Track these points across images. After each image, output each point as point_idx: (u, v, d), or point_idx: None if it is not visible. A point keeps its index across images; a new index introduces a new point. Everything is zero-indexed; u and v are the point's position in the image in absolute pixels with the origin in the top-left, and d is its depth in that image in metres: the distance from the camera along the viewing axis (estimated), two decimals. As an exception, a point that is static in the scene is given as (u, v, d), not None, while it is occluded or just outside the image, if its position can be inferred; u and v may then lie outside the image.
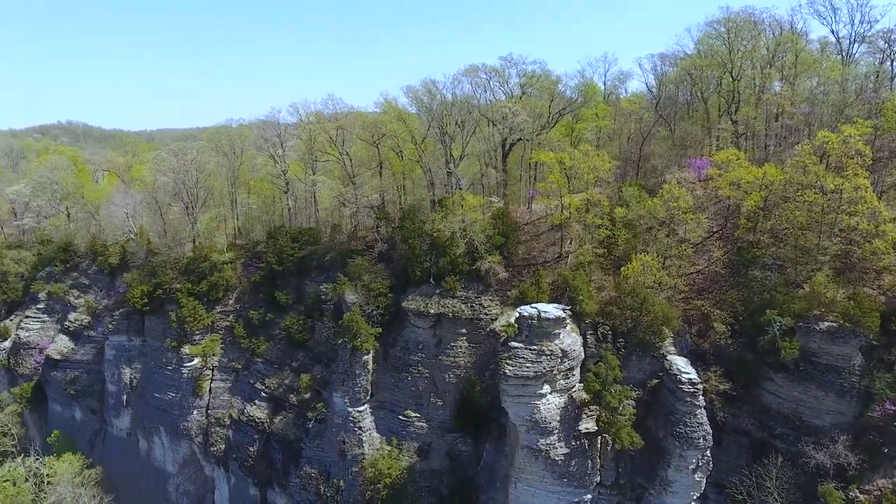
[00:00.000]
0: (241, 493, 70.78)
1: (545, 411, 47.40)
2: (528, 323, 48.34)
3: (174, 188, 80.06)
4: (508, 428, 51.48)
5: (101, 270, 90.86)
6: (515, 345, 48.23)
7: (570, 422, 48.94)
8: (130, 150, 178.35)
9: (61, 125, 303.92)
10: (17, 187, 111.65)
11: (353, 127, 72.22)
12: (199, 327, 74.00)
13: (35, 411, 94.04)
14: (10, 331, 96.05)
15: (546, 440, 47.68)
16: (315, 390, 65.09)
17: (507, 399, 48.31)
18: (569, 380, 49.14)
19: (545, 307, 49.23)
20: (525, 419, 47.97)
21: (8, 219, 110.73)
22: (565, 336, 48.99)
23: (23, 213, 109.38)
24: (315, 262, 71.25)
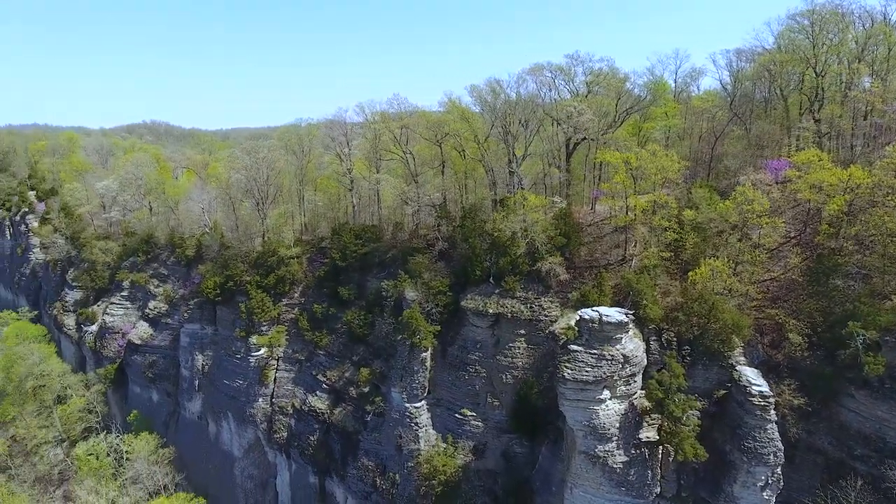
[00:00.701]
0: (302, 480, 73.16)
1: (604, 417, 46.32)
2: (589, 326, 47.35)
3: (246, 185, 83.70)
4: (565, 432, 50.66)
5: (178, 262, 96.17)
6: (575, 348, 47.38)
7: (631, 429, 47.60)
8: (207, 149, 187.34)
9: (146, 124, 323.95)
10: (106, 182, 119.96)
11: (416, 126, 73.04)
12: (267, 319, 77.03)
13: (117, 391, 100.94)
14: (97, 316, 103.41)
15: (604, 447, 46.59)
16: (374, 384, 66.38)
17: (564, 403, 47.55)
18: (630, 386, 47.79)
19: (607, 311, 48.06)
20: (583, 424, 47.06)
21: (97, 212, 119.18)
22: (627, 341, 47.67)
23: (111, 206, 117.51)
24: (377, 259, 72.63)
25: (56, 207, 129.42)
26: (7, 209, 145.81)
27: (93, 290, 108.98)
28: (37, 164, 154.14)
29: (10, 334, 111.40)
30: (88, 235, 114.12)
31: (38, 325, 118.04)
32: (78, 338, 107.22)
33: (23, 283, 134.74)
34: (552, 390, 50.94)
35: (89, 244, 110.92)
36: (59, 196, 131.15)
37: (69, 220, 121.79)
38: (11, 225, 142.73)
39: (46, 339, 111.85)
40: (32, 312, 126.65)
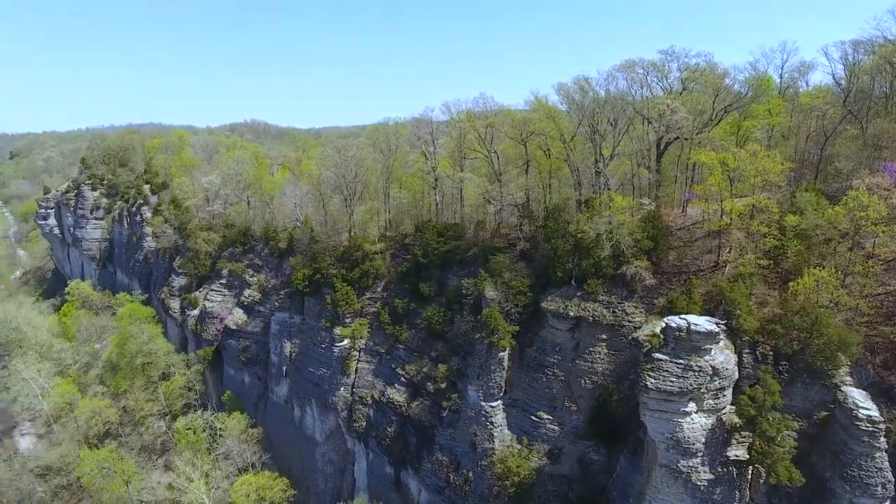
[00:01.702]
0: (378, 469, 75.20)
1: (689, 431, 44.08)
2: (676, 335, 45.22)
3: (335, 182, 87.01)
4: (646, 443, 48.71)
5: (271, 253, 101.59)
6: (660, 357, 45.42)
7: (718, 446, 45.00)
8: (301, 146, 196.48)
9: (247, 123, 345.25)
10: (210, 178, 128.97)
11: (501, 125, 72.81)
12: (350, 311, 79.77)
13: (214, 372, 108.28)
14: (199, 301, 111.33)
15: (688, 462, 44.35)
16: (451, 381, 66.97)
17: (646, 413, 45.73)
18: (718, 400, 45.16)
19: (696, 319, 45.67)
20: (665, 436, 45.04)
21: (202, 204, 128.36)
22: (717, 352, 45.06)
23: (213, 199, 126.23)
24: (458, 257, 73.16)
25: (167, 200, 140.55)
26: (126, 201, 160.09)
27: (196, 276, 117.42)
28: (151, 160, 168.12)
29: (125, 314, 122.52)
30: (193, 226, 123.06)
31: (148, 307, 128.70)
32: (181, 320, 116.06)
33: (136, 268, 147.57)
34: (633, 399, 49.18)
35: (194, 234, 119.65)
36: (170, 189, 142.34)
37: (177, 211, 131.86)
38: (129, 215, 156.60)
39: (155, 320, 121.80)
40: (144, 295, 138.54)
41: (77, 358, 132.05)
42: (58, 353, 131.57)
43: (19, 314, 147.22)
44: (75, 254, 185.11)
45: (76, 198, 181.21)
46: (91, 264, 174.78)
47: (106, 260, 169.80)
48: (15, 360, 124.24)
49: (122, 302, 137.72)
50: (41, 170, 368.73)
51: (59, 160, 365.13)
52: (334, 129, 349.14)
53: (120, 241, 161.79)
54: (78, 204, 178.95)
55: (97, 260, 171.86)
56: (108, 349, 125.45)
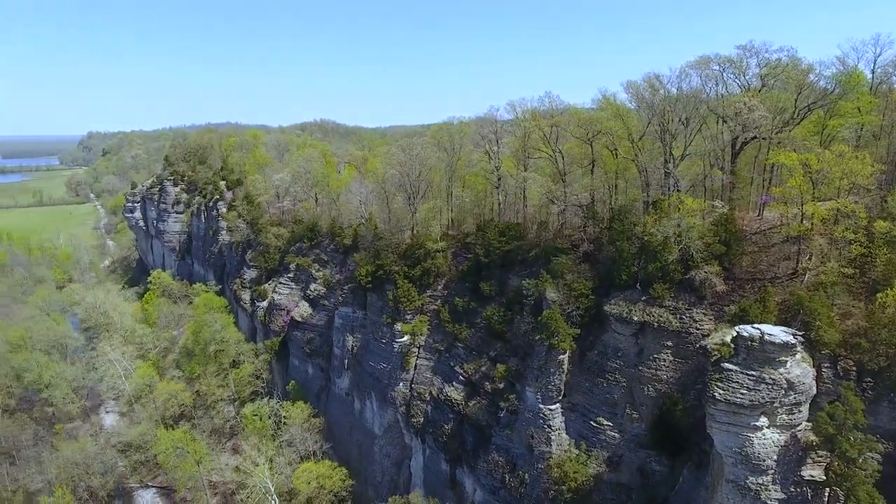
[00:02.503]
0: (434, 465, 75.82)
1: (759, 446, 41.85)
2: (748, 345, 43.03)
3: (400, 180, 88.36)
4: (712, 456, 46.62)
5: (336, 249, 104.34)
6: (729, 367, 43.37)
7: (791, 464, 42.52)
8: (367, 145, 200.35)
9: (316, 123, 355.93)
10: (281, 175, 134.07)
11: (567, 124, 71.61)
12: (411, 308, 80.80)
13: (280, 362, 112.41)
14: (268, 293, 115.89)
15: (757, 479, 42.12)
16: (509, 381, 66.59)
17: (713, 425, 43.81)
18: (793, 416, 42.64)
19: (770, 329, 43.26)
20: (733, 451, 42.98)
21: (273, 201, 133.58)
22: (793, 365, 42.53)
23: (283, 196, 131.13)
24: (519, 257, 72.61)
25: (241, 196, 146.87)
26: (204, 196, 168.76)
27: (265, 269, 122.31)
28: (227, 158, 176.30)
29: (200, 304, 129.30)
30: (264, 222, 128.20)
31: (222, 297, 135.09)
32: (251, 311, 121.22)
33: (212, 260, 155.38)
34: (699, 409, 47.24)
35: (265, 229, 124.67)
36: (244, 186, 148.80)
37: (250, 207, 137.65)
38: (206, 210, 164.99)
39: (227, 310, 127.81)
40: (218, 286, 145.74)
41: (157, 343, 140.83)
42: (140, 338, 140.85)
43: (107, 300, 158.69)
44: (157, 245, 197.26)
45: (159, 193, 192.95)
46: (171, 255, 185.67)
47: (184, 252, 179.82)
48: (102, 342, 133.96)
49: (198, 292, 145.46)
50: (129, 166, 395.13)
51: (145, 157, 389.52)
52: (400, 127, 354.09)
53: (197, 234, 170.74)
54: (161, 198, 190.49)
55: (177, 251, 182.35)
56: (184, 336, 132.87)
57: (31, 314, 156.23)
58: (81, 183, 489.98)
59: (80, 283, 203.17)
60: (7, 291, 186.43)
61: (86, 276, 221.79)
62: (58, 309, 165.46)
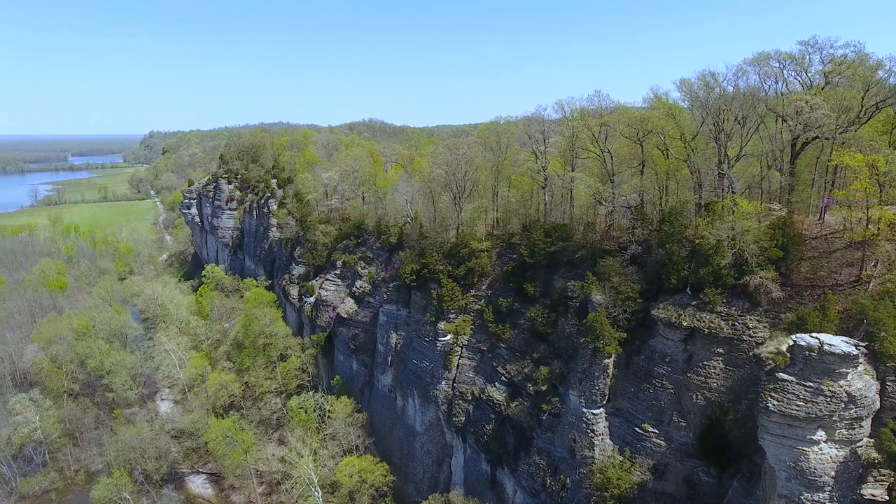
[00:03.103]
0: (475, 465, 75.72)
1: (815, 462, 39.92)
2: (805, 354, 41.10)
3: (446, 179, 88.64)
4: (764, 469, 44.79)
5: (382, 247, 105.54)
6: (784, 377, 41.55)
7: (850, 482, 40.37)
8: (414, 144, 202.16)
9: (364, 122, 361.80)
10: (330, 174, 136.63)
11: (617, 123, 70.11)
12: (455, 307, 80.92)
13: (325, 357, 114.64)
14: (315, 289, 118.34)
15: (813, 496, 40.18)
16: (552, 384, 65.80)
17: (765, 437, 42.08)
18: (854, 431, 40.48)
19: (830, 339, 41.19)
20: (787, 465, 41.16)
21: (321, 199, 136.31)
22: (855, 378, 40.37)
23: (332, 194, 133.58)
24: (565, 258, 71.65)
25: (291, 194, 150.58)
26: (256, 194, 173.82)
27: (313, 266, 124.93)
28: (279, 157, 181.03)
29: (251, 298, 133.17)
30: (313, 219, 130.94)
31: (271, 292, 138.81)
32: (299, 306, 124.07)
33: (262, 256, 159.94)
34: (751, 420, 45.46)
35: (313, 227, 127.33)
36: (294, 184, 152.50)
37: (300, 204, 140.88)
38: (258, 207, 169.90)
39: (276, 304, 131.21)
40: (267, 281, 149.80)
41: (209, 335, 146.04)
42: (194, 329, 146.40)
43: (164, 293, 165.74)
44: (212, 240, 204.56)
45: (214, 190, 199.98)
46: (224, 251, 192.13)
47: (237, 247, 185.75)
48: (159, 332, 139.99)
49: (248, 286, 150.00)
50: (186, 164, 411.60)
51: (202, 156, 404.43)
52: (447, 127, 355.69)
53: (249, 231, 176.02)
54: (216, 195, 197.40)
55: (229, 247, 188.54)
56: (235, 329, 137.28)
57: (94, 304, 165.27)
58: (143, 180, 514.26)
59: (139, 276, 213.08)
60: (74, 282, 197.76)
61: (145, 268, 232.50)
62: (119, 300, 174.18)
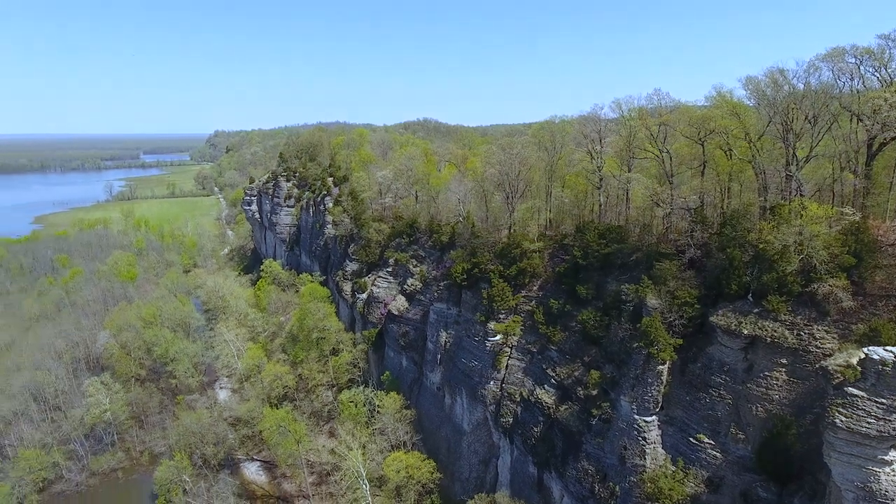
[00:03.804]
0: (521, 467, 75.10)
1: (887, 483, 37.45)
2: (879, 369, 38.63)
3: (498, 179, 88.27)
4: (829, 488, 42.38)
5: (434, 246, 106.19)
6: (854, 392, 39.20)
7: (927, 506, 37.64)
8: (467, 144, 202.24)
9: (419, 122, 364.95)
10: (384, 172, 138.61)
11: (677, 123, 67.92)
12: (505, 307, 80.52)
13: (376, 352, 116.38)
14: (367, 286, 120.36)
15: (884, 518, 37.74)
16: (603, 389, 64.48)
17: (831, 454, 39.81)
18: (932, 452, 37.75)
19: (906, 352, 38.59)
20: (855, 485, 38.81)
21: (375, 197, 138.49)
22: (934, 395, 37.62)
23: (385, 193, 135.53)
24: (619, 261, 70.06)
25: (346, 192, 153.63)
26: (312, 191, 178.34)
27: (366, 263, 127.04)
28: (335, 156, 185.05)
29: (306, 293, 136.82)
30: (367, 217, 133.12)
31: (325, 287, 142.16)
32: (351, 302, 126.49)
33: (317, 252, 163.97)
34: (815, 436, 43.14)
35: (367, 224, 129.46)
36: (349, 182, 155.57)
37: (354, 202, 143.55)
38: (314, 204, 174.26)
39: (329, 300, 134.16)
40: (322, 277, 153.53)
41: (266, 327, 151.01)
42: (252, 322, 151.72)
43: (225, 285, 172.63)
44: (270, 236, 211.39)
45: (273, 187, 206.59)
46: (282, 246, 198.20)
47: (294, 243, 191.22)
48: (220, 324, 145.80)
49: (304, 281, 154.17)
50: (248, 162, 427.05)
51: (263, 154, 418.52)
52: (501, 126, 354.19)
53: (306, 227, 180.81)
54: (275, 193, 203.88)
55: (287, 243, 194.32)
56: (290, 322, 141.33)
57: (161, 294, 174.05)
58: (207, 177, 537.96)
59: (203, 269, 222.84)
60: (143, 273, 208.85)
61: (208, 262, 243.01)
62: (183, 291, 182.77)
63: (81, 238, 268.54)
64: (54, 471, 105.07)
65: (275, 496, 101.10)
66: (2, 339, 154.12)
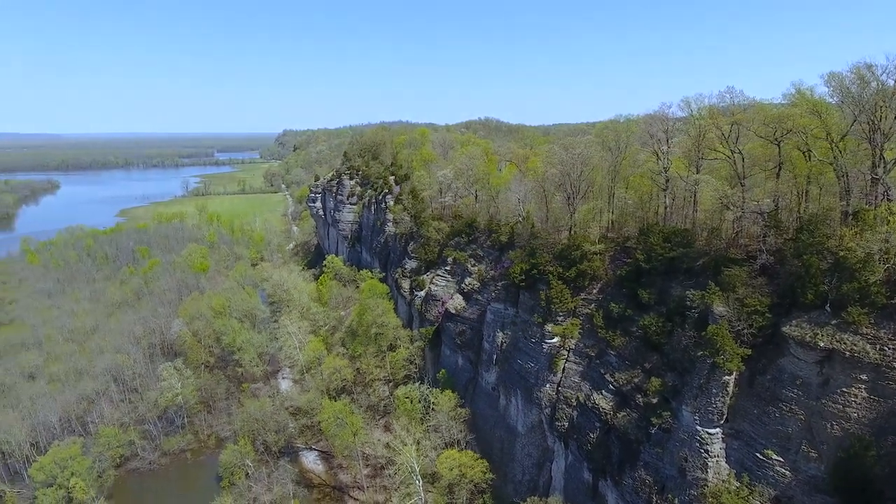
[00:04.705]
0: (576, 473, 73.73)
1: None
2: (973, 389, 35.50)
3: (560, 179, 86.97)
4: (913, 516, 39.35)
5: (492, 246, 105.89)
6: (944, 412, 36.16)
7: None
8: (529, 143, 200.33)
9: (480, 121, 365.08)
10: (445, 172, 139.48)
11: (750, 122, 64.66)
12: (563, 309, 79.30)
13: (432, 350, 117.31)
14: (426, 284, 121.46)
15: (977, 553, 34.63)
16: (664, 397, 62.33)
17: (917, 478, 36.90)
18: None
19: None
20: (944, 514, 35.82)
21: (435, 196, 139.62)
22: None
23: (445, 192, 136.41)
24: (685, 265, 67.51)
25: (407, 190, 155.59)
26: (374, 189, 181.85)
27: (425, 261, 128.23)
28: (397, 154, 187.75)
29: (365, 289, 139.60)
30: (427, 216, 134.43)
31: (384, 284, 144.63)
32: (410, 299, 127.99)
33: (378, 249, 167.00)
34: (899, 458, 40.06)
35: (426, 223, 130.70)
36: (410, 181, 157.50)
37: (415, 201, 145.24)
38: (376, 202, 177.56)
39: (388, 296, 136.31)
40: (381, 273, 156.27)
41: (327, 321, 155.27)
42: (313, 315, 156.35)
43: (289, 279, 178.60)
44: (333, 233, 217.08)
45: (337, 185, 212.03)
46: (344, 243, 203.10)
47: (355, 240, 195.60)
48: (283, 316, 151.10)
49: (364, 278, 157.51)
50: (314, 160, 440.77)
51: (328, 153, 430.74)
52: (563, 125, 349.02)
53: (367, 225, 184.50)
54: (338, 190, 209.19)
55: (348, 239, 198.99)
56: (350, 317, 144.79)
57: (230, 286, 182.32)
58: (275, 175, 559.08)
59: (269, 262, 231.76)
60: (214, 265, 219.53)
61: (274, 256, 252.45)
62: (251, 283, 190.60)
63: (159, 231, 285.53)
64: (130, 448, 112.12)
65: (331, 485, 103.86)
66: (88, 323, 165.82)
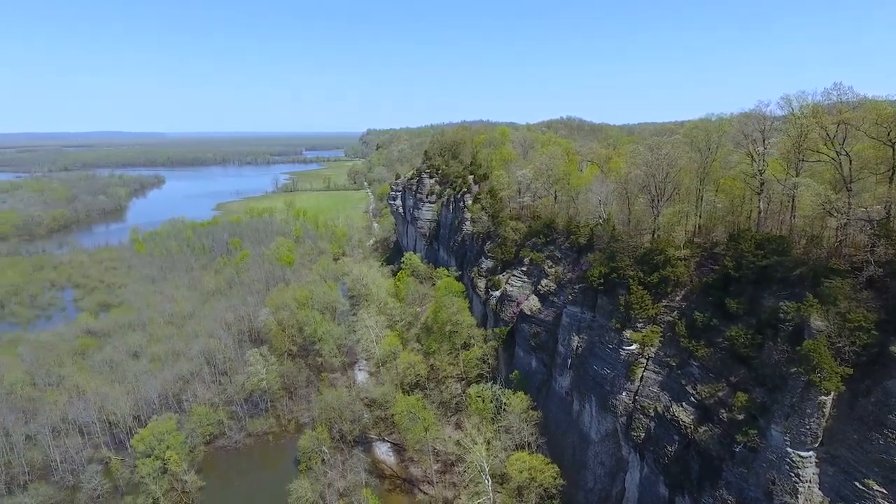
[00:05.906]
0: (651, 486, 70.88)
1: None
2: None
3: (644, 181, 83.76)
4: None
5: (570, 248, 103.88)
6: None
7: None
8: (612, 143, 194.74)
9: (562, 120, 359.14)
10: (524, 171, 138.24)
11: (860, 121, 59.37)
12: (643, 316, 76.43)
13: (506, 350, 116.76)
14: (501, 283, 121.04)
15: None
16: (751, 414, 58.57)
17: None
18: None
19: None
20: None
21: (514, 196, 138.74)
22: None
23: (524, 192, 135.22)
24: (779, 275, 63.08)
25: (485, 190, 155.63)
26: (453, 188, 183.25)
27: (501, 261, 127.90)
28: (477, 154, 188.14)
29: (441, 287, 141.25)
30: (504, 215, 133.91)
31: (460, 282, 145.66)
32: (485, 299, 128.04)
33: (454, 248, 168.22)
34: None
35: (504, 223, 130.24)
36: (489, 180, 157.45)
37: (493, 200, 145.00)
38: (454, 201, 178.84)
39: (463, 295, 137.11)
40: (457, 272, 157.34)
41: (403, 317, 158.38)
42: (390, 310, 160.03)
43: (368, 274, 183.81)
44: (412, 230, 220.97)
45: (417, 184, 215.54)
46: (422, 240, 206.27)
47: (433, 238, 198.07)
48: (362, 310, 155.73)
49: (440, 275, 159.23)
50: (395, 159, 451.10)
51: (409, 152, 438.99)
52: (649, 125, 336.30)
53: (445, 223, 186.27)
54: (418, 189, 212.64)
55: (426, 237, 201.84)
56: (425, 314, 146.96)
57: (313, 279, 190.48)
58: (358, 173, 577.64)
59: (350, 257, 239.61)
60: (299, 258, 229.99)
61: (354, 251, 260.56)
62: (332, 277, 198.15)
63: (251, 224, 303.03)
64: (219, 427, 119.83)
65: (401, 477, 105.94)
66: (186, 309, 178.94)
